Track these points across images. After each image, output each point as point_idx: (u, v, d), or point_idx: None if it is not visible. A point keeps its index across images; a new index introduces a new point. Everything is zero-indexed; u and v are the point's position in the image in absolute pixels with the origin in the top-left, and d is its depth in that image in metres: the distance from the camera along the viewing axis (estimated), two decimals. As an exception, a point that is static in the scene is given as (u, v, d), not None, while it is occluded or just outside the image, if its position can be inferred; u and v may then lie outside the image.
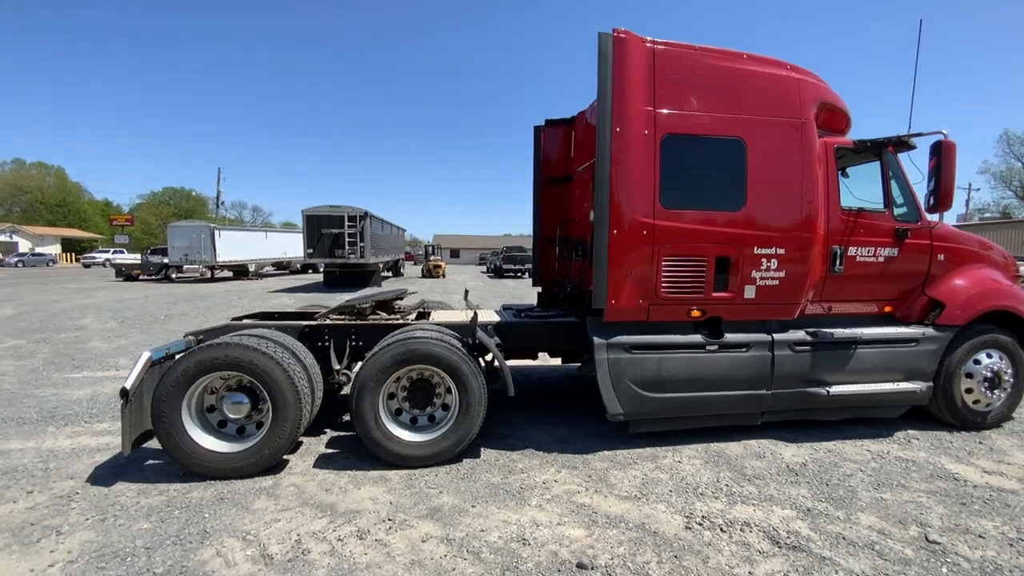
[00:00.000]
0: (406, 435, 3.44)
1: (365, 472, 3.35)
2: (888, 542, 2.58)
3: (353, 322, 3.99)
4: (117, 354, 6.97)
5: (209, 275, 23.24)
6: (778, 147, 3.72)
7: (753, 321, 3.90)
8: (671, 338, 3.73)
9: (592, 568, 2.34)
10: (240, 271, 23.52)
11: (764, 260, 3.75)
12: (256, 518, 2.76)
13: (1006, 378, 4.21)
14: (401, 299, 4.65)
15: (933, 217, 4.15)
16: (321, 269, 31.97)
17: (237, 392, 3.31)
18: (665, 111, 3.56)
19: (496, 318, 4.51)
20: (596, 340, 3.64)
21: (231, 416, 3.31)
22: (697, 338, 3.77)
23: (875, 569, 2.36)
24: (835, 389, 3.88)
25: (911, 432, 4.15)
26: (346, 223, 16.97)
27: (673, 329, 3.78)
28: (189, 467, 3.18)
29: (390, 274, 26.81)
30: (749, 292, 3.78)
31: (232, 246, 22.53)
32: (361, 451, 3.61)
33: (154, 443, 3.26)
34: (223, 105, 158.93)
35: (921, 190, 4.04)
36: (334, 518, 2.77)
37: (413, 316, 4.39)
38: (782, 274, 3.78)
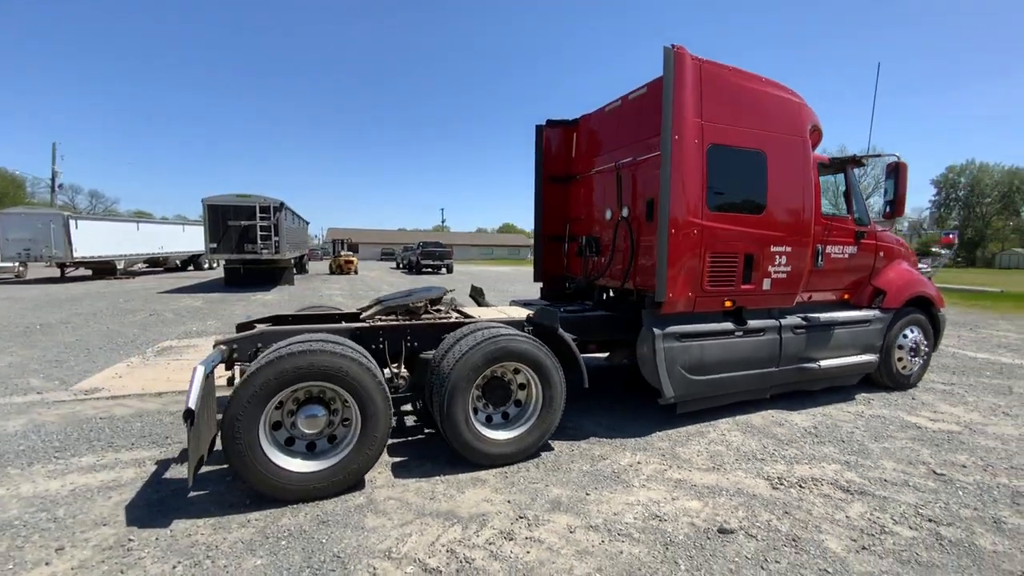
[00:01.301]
0: (493, 434, 3.41)
1: (454, 476, 3.25)
2: (914, 479, 3.27)
3: (409, 322, 3.79)
4: (13, 375, 5.57)
5: (59, 274, 19.14)
6: (788, 160, 4.36)
7: (763, 309, 4.53)
8: (711, 326, 4.19)
9: (734, 532, 2.63)
10: (104, 269, 19.73)
11: (777, 256, 4.38)
12: (381, 536, 2.57)
13: (923, 348, 5.44)
14: (444, 296, 4.49)
15: (882, 222, 5.19)
16: (215, 265, 28.32)
17: (313, 404, 2.99)
18: (710, 123, 3.97)
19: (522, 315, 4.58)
20: (655, 331, 3.94)
21: (305, 431, 2.98)
22: (729, 325, 4.27)
23: (921, 499, 2.99)
24: (823, 363, 4.68)
25: (864, 395, 5.15)
26: (258, 215, 15.20)
27: (709, 319, 4.24)
28: (267, 492, 2.81)
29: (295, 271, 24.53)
30: (766, 284, 4.38)
31: (93, 239, 18.79)
32: (430, 456, 3.51)
33: (174, 472, 2.82)
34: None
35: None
36: (466, 524, 2.69)
37: (455, 315, 4.27)
38: (789, 268, 4.45)
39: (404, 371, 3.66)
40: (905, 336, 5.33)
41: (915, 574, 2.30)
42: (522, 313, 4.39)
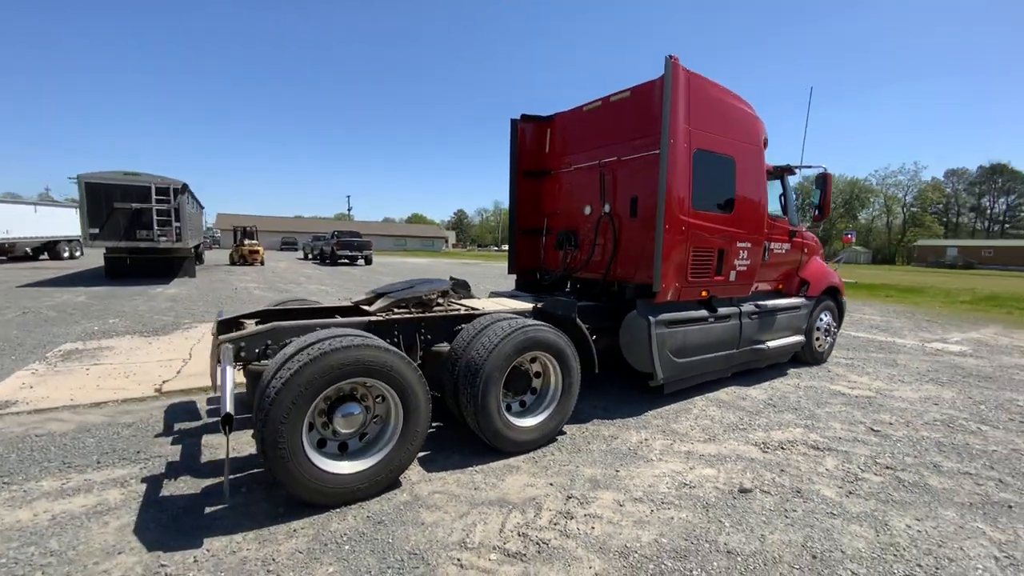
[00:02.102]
0: (520, 421, 3.49)
1: (486, 465, 3.29)
2: (859, 435, 3.98)
3: (423, 315, 3.70)
4: None
5: None
6: (750, 167, 4.95)
7: (727, 298, 5.12)
8: (691, 314, 4.64)
9: (751, 491, 3.03)
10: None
11: (741, 252, 4.97)
12: (447, 529, 2.56)
13: (833, 329, 6.51)
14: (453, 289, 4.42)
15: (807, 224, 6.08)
16: (77, 254, 24.02)
17: (348, 402, 2.84)
18: (696, 130, 4.37)
19: (527, 305, 4.70)
20: (650, 319, 4.28)
21: (342, 431, 2.82)
22: (704, 313, 4.77)
23: (873, 451, 3.67)
24: (770, 344, 5.42)
25: (793, 371, 6.05)
26: (154, 197, 13.21)
27: (689, 307, 4.70)
28: (309, 498, 2.63)
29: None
30: (732, 276, 4.95)
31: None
32: (449, 448, 3.51)
33: (172, 489, 2.56)
34: None
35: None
36: (523, 509, 2.77)
37: (462, 307, 4.24)
38: (748, 262, 5.08)
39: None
40: (821, 319, 6.34)
41: (897, 509, 2.87)
42: (521, 304, 4.49)
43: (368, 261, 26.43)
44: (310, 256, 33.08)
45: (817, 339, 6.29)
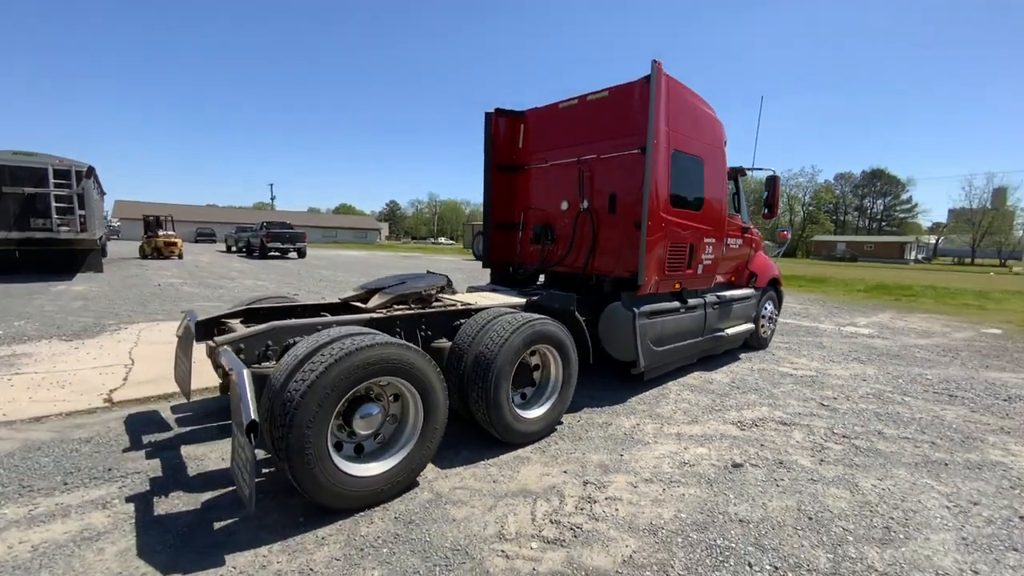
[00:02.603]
0: (526, 413, 3.55)
1: (496, 458, 3.33)
2: (813, 410, 4.49)
3: (423, 311, 3.64)
4: None
5: None
6: (715, 167, 5.33)
7: (694, 290, 5.50)
8: (667, 305, 4.94)
9: (742, 465, 3.33)
10: None
11: (707, 247, 5.36)
12: (480, 523, 2.58)
13: (774, 316, 7.21)
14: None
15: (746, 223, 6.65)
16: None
17: (368, 403, 2.75)
18: (673, 131, 4.64)
19: (518, 299, 4.74)
20: (635, 310, 4.50)
21: (361, 432, 2.74)
22: (676, 304, 5.10)
23: (828, 423, 4.16)
24: (728, 331, 5.90)
25: (743, 355, 6.64)
26: (51, 180, 11.50)
27: (663, 299, 5.00)
28: (333, 504, 2.54)
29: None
30: (700, 269, 5.33)
31: None
32: (458, 443, 3.50)
33: (166, 507, 2.40)
34: None
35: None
36: (547, 498, 2.85)
37: (458, 302, 4.19)
38: (713, 256, 5.49)
39: None
40: (766, 308, 7.00)
41: (861, 472, 3.30)
42: (511, 299, 4.54)
43: (302, 254, 24.94)
44: (234, 248, 30.59)
45: (763, 326, 6.94)
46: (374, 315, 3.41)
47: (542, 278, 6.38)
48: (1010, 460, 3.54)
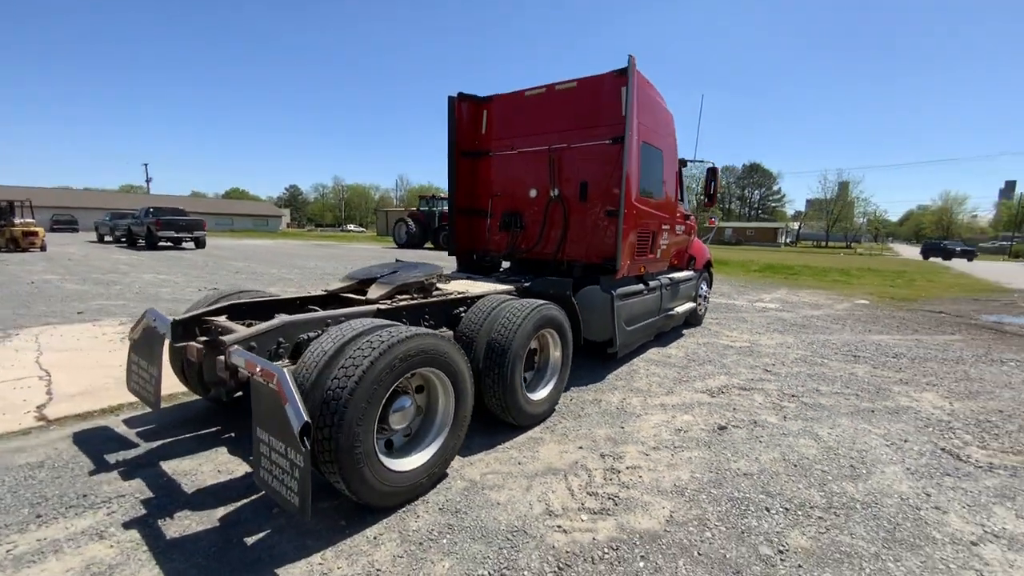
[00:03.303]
0: (535, 396, 3.65)
1: (512, 440, 3.41)
2: (760, 375, 5.14)
3: (426, 300, 3.55)
4: None
5: None
6: (670, 159, 5.76)
7: (653, 273, 5.94)
8: (635, 287, 5.29)
9: (726, 427, 3.75)
10: None
11: (664, 233, 5.81)
12: (525, 504, 2.65)
13: (707, 295, 8.00)
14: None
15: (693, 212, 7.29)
16: None
17: (400, 396, 2.67)
18: (641, 124, 4.93)
19: (506, 286, 4.76)
20: (613, 293, 4.77)
21: (396, 426, 2.66)
22: (641, 286, 5.48)
23: (777, 387, 4.79)
24: (677, 310, 6.47)
25: (686, 332, 7.31)
26: None
27: (631, 282, 5.34)
28: (378, 502, 2.45)
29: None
30: (658, 254, 5.77)
31: None
32: (472, 429, 3.51)
33: (178, 528, 2.25)
34: None
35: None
36: (576, 472, 3.00)
37: (454, 292, 4.12)
38: (667, 242, 5.96)
39: None
40: (702, 288, 7.75)
41: (816, 424, 3.88)
42: (497, 285, 4.57)
43: (200, 244, 22.29)
44: (108, 238, 26.43)
45: (699, 305, 7.68)
46: (380, 306, 3.27)
47: (505, 265, 6.46)
48: (916, 404, 4.39)
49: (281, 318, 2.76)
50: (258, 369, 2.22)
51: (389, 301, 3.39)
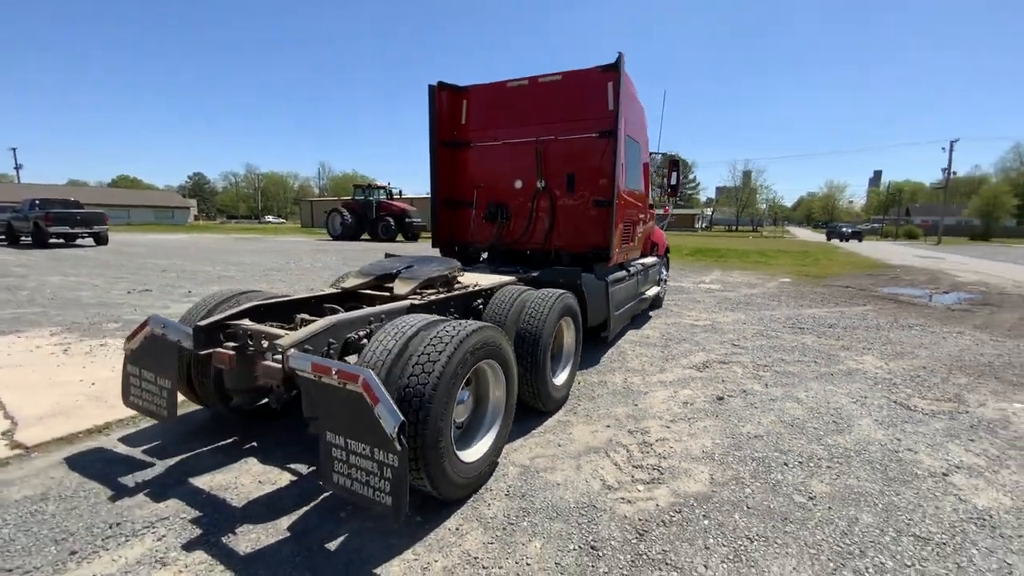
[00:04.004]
0: (557, 381, 3.80)
1: (541, 424, 3.55)
2: (731, 349, 5.68)
3: (451, 294, 3.56)
4: None
5: None
6: (645, 151, 6.11)
7: (630, 260, 6.30)
8: (621, 273, 5.60)
9: (724, 397, 4.16)
10: None
11: (640, 223, 6.17)
12: (581, 482, 2.81)
13: (667, 279, 8.59)
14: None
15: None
16: None
17: (462, 389, 2.71)
18: (625, 119, 5.18)
19: (508, 277, 4.81)
20: (607, 279, 5.02)
21: (458, 420, 2.70)
22: (625, 273, 5.80)
23: (750, 359, 5.34)
24: (648, 293, 6.91)
25: (652, 314, 7.82)
26: None
27: (615, 269, 5.64)
28: (456, 494, 2.51)
29: None
30: (636, 242, 6.12)
31: None
32: None
33: (232, 541, 2.24)
34: None
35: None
36: (615, 449, 3.20)
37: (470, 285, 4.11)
38: (642, 231, 6.34)
39: None
40: (662, 273, 8.31)
41: (793, 388, 4.41)
42: (501, 277, 4.64)
43: (101, 240, 19.70)
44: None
45: (662, 288, 8.24)
46: (412, 301, 3.23)
47: (484, 255, 6.51)
48: (862, 367, 5.12)
49: (330, 318, 2.66)
50: (334, 371, 2.15)
51: (419, 296, 3.36)
